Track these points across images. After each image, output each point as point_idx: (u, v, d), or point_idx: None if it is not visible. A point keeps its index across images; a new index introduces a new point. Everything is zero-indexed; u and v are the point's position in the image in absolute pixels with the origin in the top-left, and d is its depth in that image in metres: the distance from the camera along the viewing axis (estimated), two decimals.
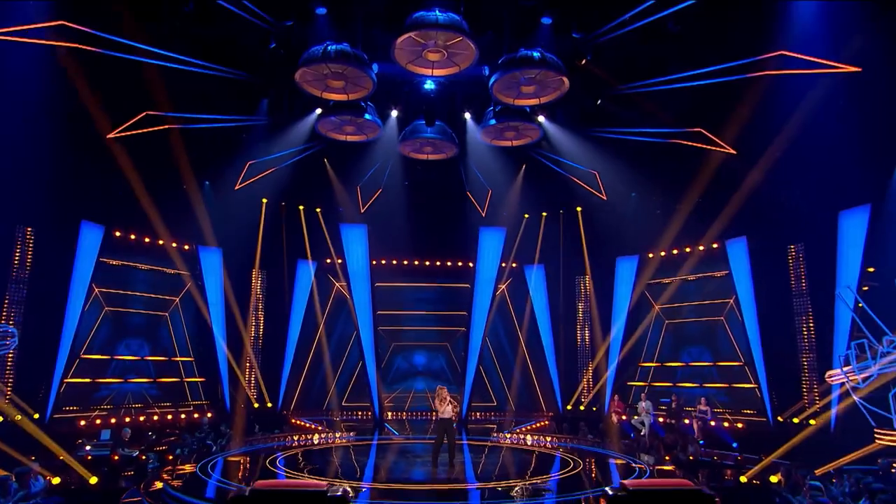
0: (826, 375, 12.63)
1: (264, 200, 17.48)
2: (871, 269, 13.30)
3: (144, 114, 13.28)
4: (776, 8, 10.18)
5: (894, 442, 11.21)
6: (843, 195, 13.69)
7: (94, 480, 9.60)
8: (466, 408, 18.85)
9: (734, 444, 14.20)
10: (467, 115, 13.66)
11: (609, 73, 12.02)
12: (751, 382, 15.93)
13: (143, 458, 11.36)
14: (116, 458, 11.26)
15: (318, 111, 12.92)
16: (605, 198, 17.74)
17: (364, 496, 7.89)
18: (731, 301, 16.82)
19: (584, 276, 19.85)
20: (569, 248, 19.46)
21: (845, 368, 12.02)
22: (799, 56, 10.58)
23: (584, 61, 11.44)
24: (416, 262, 20.57)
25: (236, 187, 16.43)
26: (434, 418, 11.48)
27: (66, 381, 14.10)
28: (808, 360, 14.73)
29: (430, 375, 20.96)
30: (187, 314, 17.26)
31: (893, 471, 10.20)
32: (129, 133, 13.72)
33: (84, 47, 11.10)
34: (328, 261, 19.33)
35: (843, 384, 12.81)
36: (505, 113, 12.63)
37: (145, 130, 13.77)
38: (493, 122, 12.75)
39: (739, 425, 15.18)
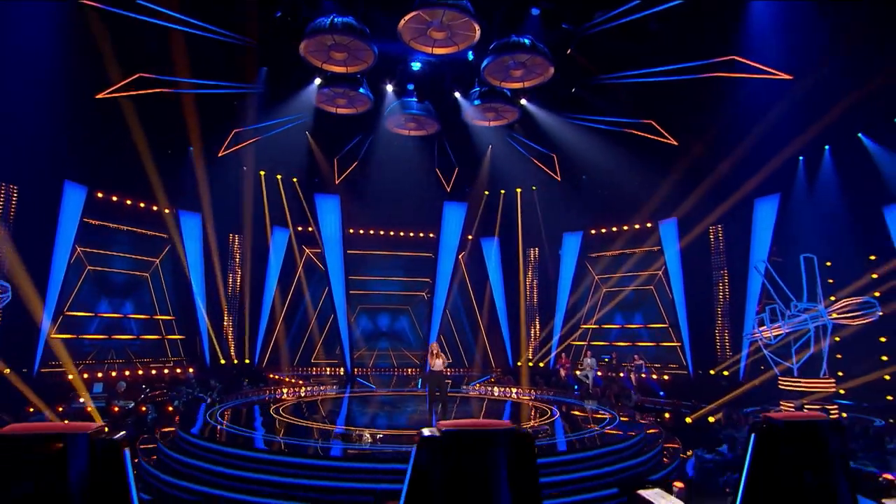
0: (745, 335, 13.93)
1: (245, 168, 16.75)
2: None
3: (137, 76, 12.38)
4: (738, 15, 10.76)
5: (793, 387, 12.58)
6: (755, 183, 14.85)
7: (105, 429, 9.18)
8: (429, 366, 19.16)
9: (661, 393, 15.38)
10: (457, 94, 13.56)
11: (588, 64, 12.32)
12: (675, 341, 17.23)
13: (143, 408, 10.93)
14: (116, 409, 10.78)
15: (318, 81, 12.47)
16: (558, 178, 18.34)
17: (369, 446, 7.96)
18: (661, 273, 18.01)
19: (534, 249, 20.50)
20: (525, 223, 19.99)
21: (761, 328, 13.31)
22: (746, 61, 11.35)
23: (568, 51, 11.69)
24: (383, 232, 20.57)
25: (220, 154, 15.68)
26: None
27: (51, 336, 13.17)
28: (723, 323, 16.09)
29: (393, 336, 21.19)
30: (168, 275, 16.50)
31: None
32: (118, 94, 12.75)
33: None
34: (299, 228, 18.92)
35: (752, 342, 14.20)
36: (488, 95, 12.75)
37: (136, 93, 12.85)
38: (477, 102, 12.84)
39: (665, 377, 16.46)
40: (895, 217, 13.05)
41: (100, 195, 14.69)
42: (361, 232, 20.35)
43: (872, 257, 13.61)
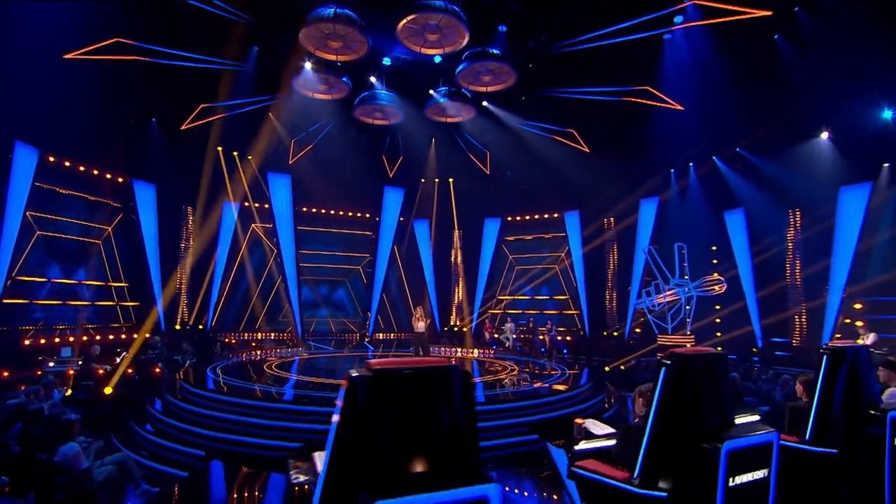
0: (635, 304, 16.31)
1: (219, 148, 15.71)
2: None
3: (114, 40, 11.20)
4: (656, 54, 12.53)
5: (668, 342, 15.12)
6: (642, 188, 17.32)
7: (108, 391, 8.65)
8: (372, 332, 19.67)
9: (565, 351, 17.46)
10: (432, 91, 13.93)
11: (539, 77, 13.45)
12: (574, 310, 19.46)
13: (130, 371, 10.26)
14: (101, 371, 10.00)
15: (309, 66, 12.20)
16: (487, 172, 19.55)
17: None
18: (563, 254, 20.10)
19: (461, 232, 21.60)
20: (452, 208, 20.96)
21: (647, 299, 15.71)
22: (654, 91, 13.29)
23: (531, 65, 12.71)
24: (324, 210, 20.36)
25: (183, 127, 14.59)
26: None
27: (2, 300, 11.60)
28: (612, 295, 18.54)
29: (332, 305, 21.19)
30: (121, 243, 15.04)
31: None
32: (88, 57, 11.44)
33: None
34: (246, 203, 18.14)
35: (636, 309, 16.67)
36: (452, 94, 13.41)
37: (105, 57, 11.60)
38: (442, 100, 13.44)
39: (568, 338, 18.57)
40: (731, 218, 15.96)
41: (51, 159, 13.01)
42: (305, 210, 19.98)
43: (714, 248, 16.61)
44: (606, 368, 13.92)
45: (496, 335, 18.78)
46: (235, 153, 17.10)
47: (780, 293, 14.82)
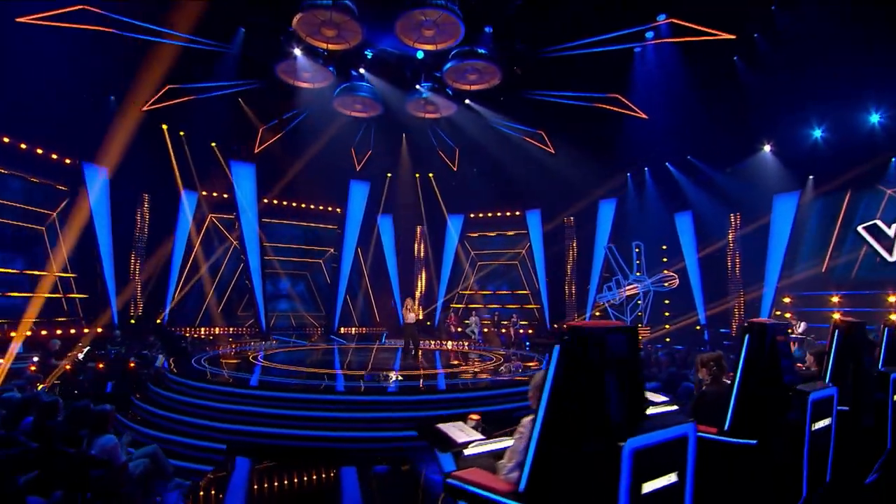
0: (597, 298, 17.26)
1: (165, 126, 14.71)
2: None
3: (80, 7, 10.25)
4: (627, 63, 13.36)
5: None
6: (602, 189, 18.35)
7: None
8: (337, 325, 19.35)
9: (527, 344, 18.14)
10: (418, 86, 13.89)
11: (523, 80, 13.86)
12: (535, 304, 20.23)
13: (101, 365, 9.50)
14: (69, 367, 9.19)
15: (298, 52, 11.77)
16: (455, 169, 19.83)
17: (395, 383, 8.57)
18: (524, 251, 20.83)
19: (424, 227, 21.73)
20: (420, 203, 21.06)
21: (608, 293, 16.71)
22: (622, 99, 14.17)
23: (515, 68, 13.09)
24: (285, 203, 19.70)
25: (144, 108, 13.58)
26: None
27: None
28: (571, 290, 19.49)
29: (295, 299, 20.58)
30: (68, 230, 13.71)
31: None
32: (41, 22, 10.40)
33: None
34: (204, 192, 17.18)
35: (596, 302, 17.67)
36: (436, 90, 13.53)
37: (66, 25, 10.60)
38: (425, 94, 13.52)
39: (530, 331, 19.29)
40: (681, 220, 17.37)
41: None
42: (267, 201, 19.24)
43: (664, 247, 18.00)
44: None
45: (460, 329, 19.13)
46: (198, 138, 16.14)
47: (721, 288, 16.32)
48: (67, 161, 13.61)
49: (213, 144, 16.33)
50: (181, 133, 15.49)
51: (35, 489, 4.41)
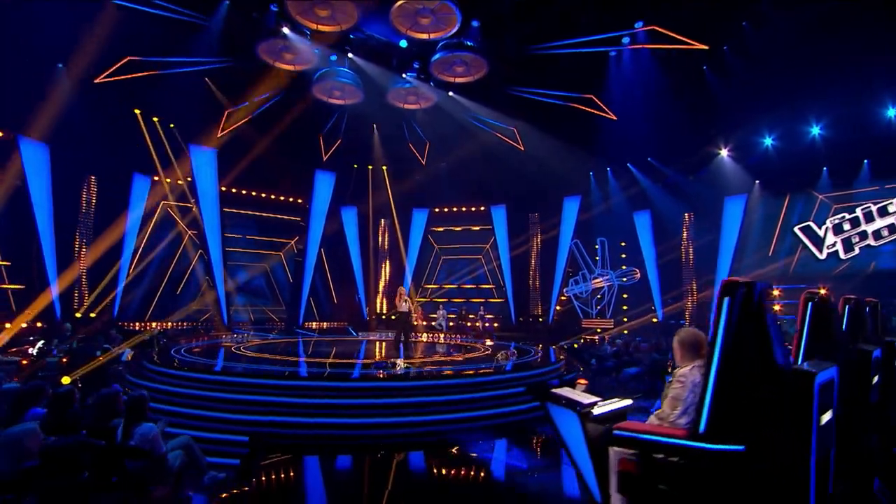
0: (565, 291, 17.84)
1: (137, 111, 13.46)
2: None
3: None
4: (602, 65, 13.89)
5: (591, 325, 16.90)
6: (566, 187, 18.98)
7: (66, 381, 7.23)
8: (302, 319, 18.69)
9: (494, 335, 18.43)
10: (405, 75, 13.56)
11: (505, 75, 13.97)
12: (500, 298, 20.58)
13: (65, 360, 8.58)
14: (25, 361, 8.23)
15: (287, 31, 11.11)
16: (424, 163, 19.71)
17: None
18: (488, 245, 21.11)
19: (389, 220, 21.44)
20: (383, 196, 20.74)
21: (576, 287, 17.33)
22: (596, 100, 14.74)
23: (504, 64, 13.15)
24: (246, 191, 18.75)
25: (97, 80, 12.36)
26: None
27: None
28: (535, 284, 20.00)
29: (250, 292, 19.60)
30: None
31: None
32: None
33: None
34: (156, 178, 15.94)
35: (560, 295, 18.27)
36: (420, 79, 13.35)
37: None
38: (408, 84, 13.32)
39: (496, 325, 19.60)
40: (639, 218, 18.36)
41: None
42: (225, 189, 18.16)
43: (623, 243, 18.96)
44: (572, 346, 15.09)
45: (424, 323, 19.09)
46: (156, 119, 14.90)
47: (676, 284, 17.43)
48: (0, 134, 12.11)
49: (172, 126, 15.16)
50: (137, 111, 14.25)
51: (98, 485, 3.93)
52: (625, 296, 18.32)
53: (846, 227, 14.07)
